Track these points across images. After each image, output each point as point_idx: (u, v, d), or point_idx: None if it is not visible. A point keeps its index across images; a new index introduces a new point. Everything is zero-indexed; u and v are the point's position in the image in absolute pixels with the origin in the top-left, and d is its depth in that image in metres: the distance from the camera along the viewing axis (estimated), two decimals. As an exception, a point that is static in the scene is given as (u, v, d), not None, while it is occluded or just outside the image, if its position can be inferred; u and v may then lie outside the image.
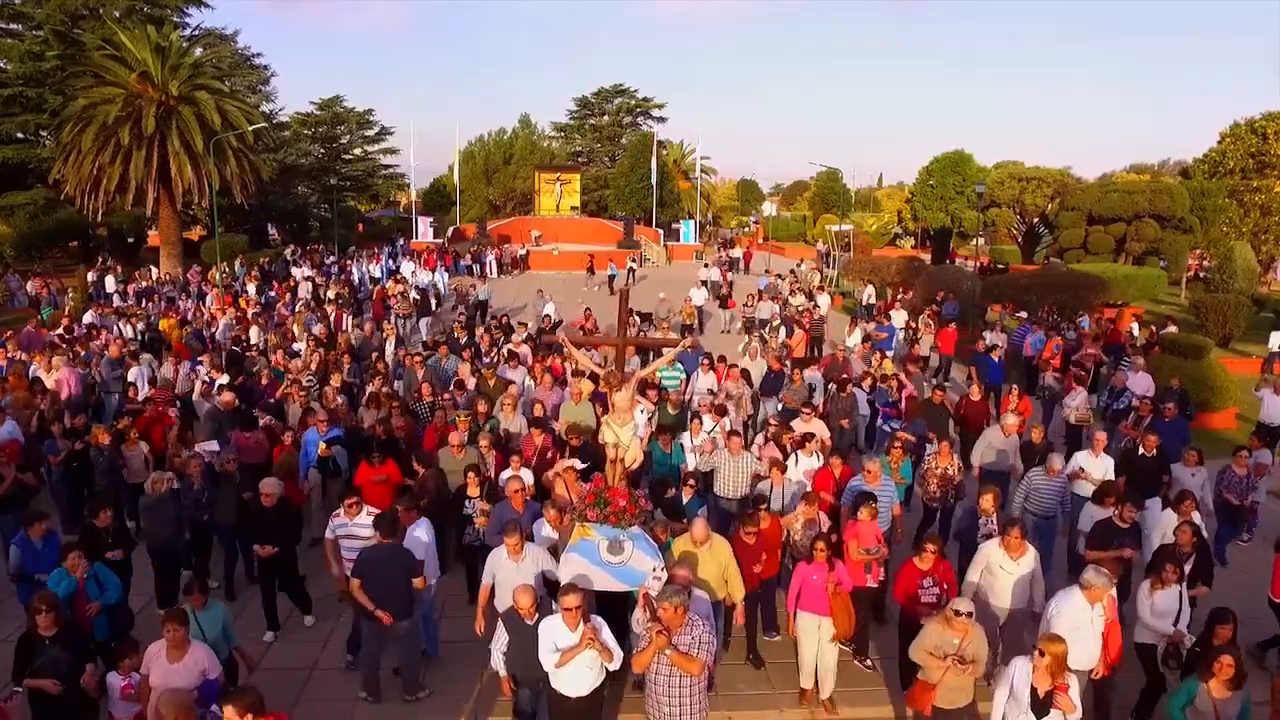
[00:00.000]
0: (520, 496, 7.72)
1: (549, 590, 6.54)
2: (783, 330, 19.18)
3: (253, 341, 16.41)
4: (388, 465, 9.05)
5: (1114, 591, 6.39)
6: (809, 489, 8.70)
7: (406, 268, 31.45)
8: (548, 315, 19.83)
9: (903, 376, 13.40)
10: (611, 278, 32.72)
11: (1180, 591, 6.64)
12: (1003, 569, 6.83)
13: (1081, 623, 5.95)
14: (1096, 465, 9.50)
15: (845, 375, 13.41)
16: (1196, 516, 7.85)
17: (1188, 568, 7.03)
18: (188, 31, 37.31)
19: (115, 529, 7.68)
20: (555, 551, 6.98)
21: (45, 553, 7.29)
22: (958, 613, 5.77)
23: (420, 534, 7.35)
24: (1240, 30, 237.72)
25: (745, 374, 13.35)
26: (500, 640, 5.85)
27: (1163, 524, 7.96)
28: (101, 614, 6.77)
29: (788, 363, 14.66)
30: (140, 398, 12.57)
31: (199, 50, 35.36)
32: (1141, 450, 9.98)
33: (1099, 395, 14.74)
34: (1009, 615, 6.89)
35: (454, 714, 6.92)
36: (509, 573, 6.48)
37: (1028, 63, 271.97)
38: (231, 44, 42.57)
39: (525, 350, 14.74)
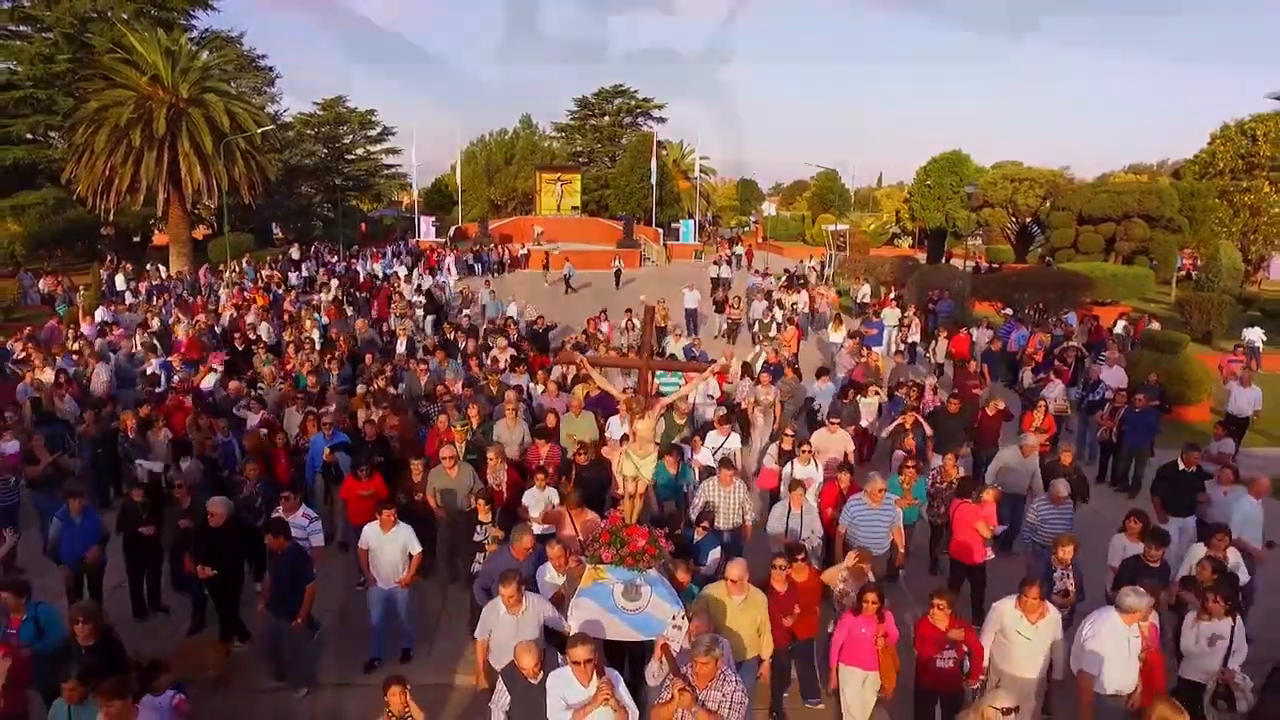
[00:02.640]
0: (525, 548, 6.71)
1: (551, 641, 5.95)
2: (774, 327, 19.77)
3: (262, 338, 16.97)
4: (374, 480, 8.66)
5: (1155, 618, 5.94)
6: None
7: (400, 269, 31.36)
8: (513, 317, 19.11)
9: (928, 386, 12.99)
10: (566, 278, 31.77)
11: (1233, 626, 5.87)
12: (1020, 634, 5.91)
13: (1119, 644, 5.56)
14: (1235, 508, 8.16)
15: (868, 381, 12.98)
16: (1234, 555, 7.10)
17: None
18: (194, 34, 38.03)
19: (149, 505, 8.20)
20: (558, 600, 6.38)
21: (84, 527, 7.92)
22: (1005, 711, 4.72)
23: (398, 541, 7.19)
24: (1242, 29, 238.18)
25: (746, 367, 13.44)
26: (501, 700, 5.20)
27: (1190, 559, 7.21)
28: (44, 661, 5.84)
29: (786, 358, 15.14)
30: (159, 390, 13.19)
31: (207, 53, 36.01)
32: (1182, 466, 9.11)
33: (1077, 388, 15.29)
34: (1029, 687, 5.97)
35: (450, 706, 6.92)
36: (507, 629, 5.82)
37: (1027, 63, 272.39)
38: (237, 46, 43.22)
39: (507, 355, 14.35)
